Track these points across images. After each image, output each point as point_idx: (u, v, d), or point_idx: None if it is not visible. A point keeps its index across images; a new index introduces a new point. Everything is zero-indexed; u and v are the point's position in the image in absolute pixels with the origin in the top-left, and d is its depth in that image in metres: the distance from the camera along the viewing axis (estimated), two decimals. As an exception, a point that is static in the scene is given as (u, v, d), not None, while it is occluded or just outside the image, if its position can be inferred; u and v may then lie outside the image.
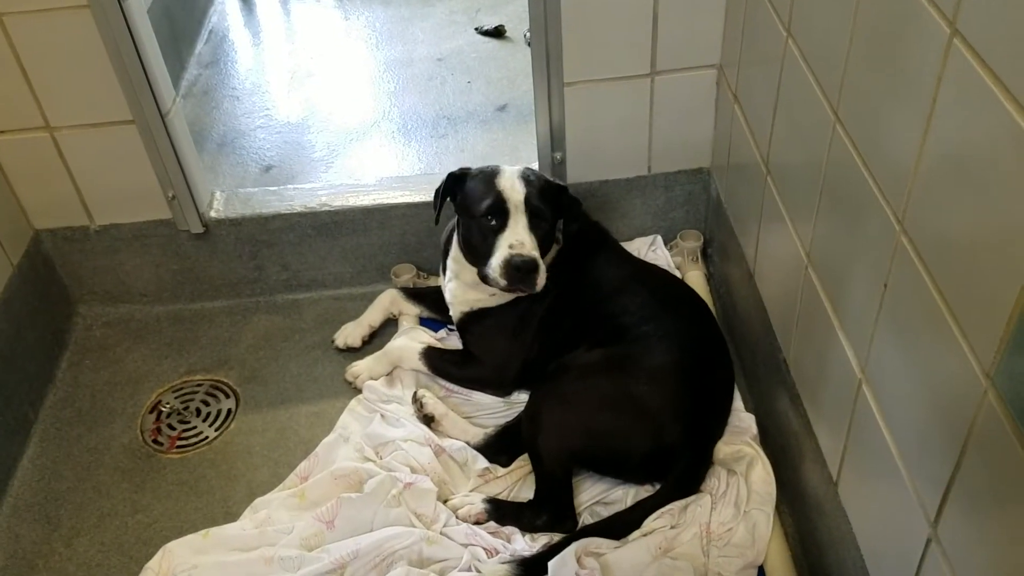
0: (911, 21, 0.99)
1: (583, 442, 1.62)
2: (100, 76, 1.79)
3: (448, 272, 1.88)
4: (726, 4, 1.78)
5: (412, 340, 1.91)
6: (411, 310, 2.04)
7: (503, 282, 1.66)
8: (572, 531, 1.59)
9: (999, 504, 0.89)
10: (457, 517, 1.61)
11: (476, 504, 1.63)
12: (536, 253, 1.67)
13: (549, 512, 1.60)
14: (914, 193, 1.03)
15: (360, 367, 1.92)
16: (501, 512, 1.63)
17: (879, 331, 1.16)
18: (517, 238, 1.67)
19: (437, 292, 1.98)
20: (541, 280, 1.66)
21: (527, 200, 1.68)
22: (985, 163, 0.87)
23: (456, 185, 1.78)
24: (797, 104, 1.43)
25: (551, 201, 1.72)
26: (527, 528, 1.61)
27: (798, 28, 1.39)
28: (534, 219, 1.69)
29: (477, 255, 1.73)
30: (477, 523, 1.61)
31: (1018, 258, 0.82)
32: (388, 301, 2.04)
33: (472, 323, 1.84)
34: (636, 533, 1.55)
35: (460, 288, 1.84)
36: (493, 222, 1.69)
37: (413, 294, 2.05)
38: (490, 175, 1.73)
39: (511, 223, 1.68)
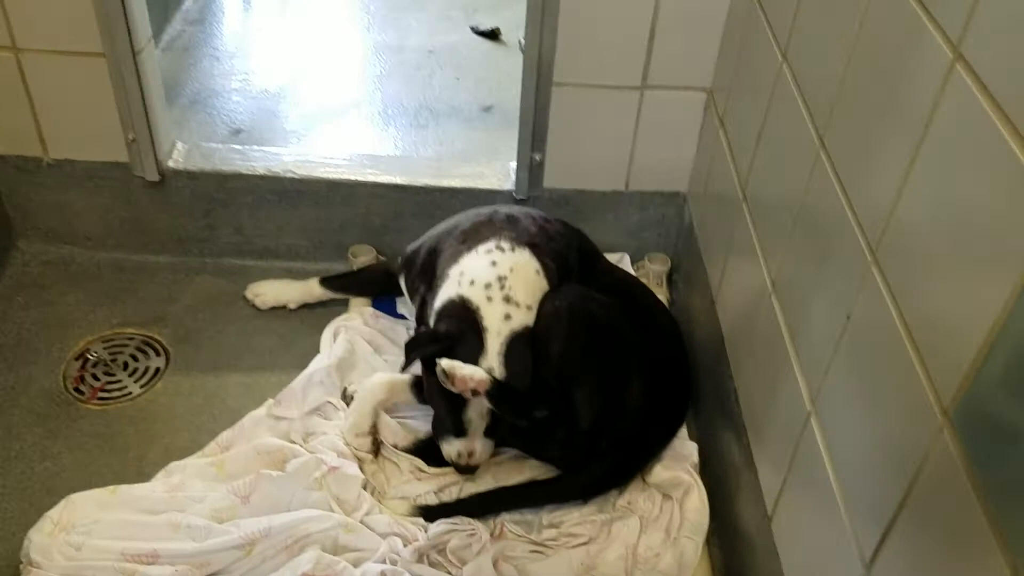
0: (913, 42, 0.97)
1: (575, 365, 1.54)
2: (76, 1, 1.72)
3: None
4: (724, 27, 1.76)
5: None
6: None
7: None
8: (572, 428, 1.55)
9: (940, 548, 0.86)
10: (455, 380, 1.45)
11: (479, 371, 1.46)
12: (485, 456, 1.57)
13: (551, 409, 1.52)
14: (892, 224, 1.00)
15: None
16: (501, 393, 1.48)
17: (836, 363, 1.13)
18: (468, 448, 1.55)
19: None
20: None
21: (492, 411, 1.51)
22: (972, 196, 0.85)
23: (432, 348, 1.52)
24: (783, 130, 1.41)
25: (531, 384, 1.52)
26: (525, 415, 1.52)
27: (794, 52, 1.37)
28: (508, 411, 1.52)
29: (434, 416, 1.61)
30: (475, 393, 1.46)
31: (992, 294, 0.79)
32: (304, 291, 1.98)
33: None
34: (553, 531, 1.52)
35: None
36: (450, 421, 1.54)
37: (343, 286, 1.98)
38: (468, 359, 1.48)
39: (471, 431, 1.54)
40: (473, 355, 1.49)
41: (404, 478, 1.62)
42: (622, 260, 2.07)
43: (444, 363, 1.45)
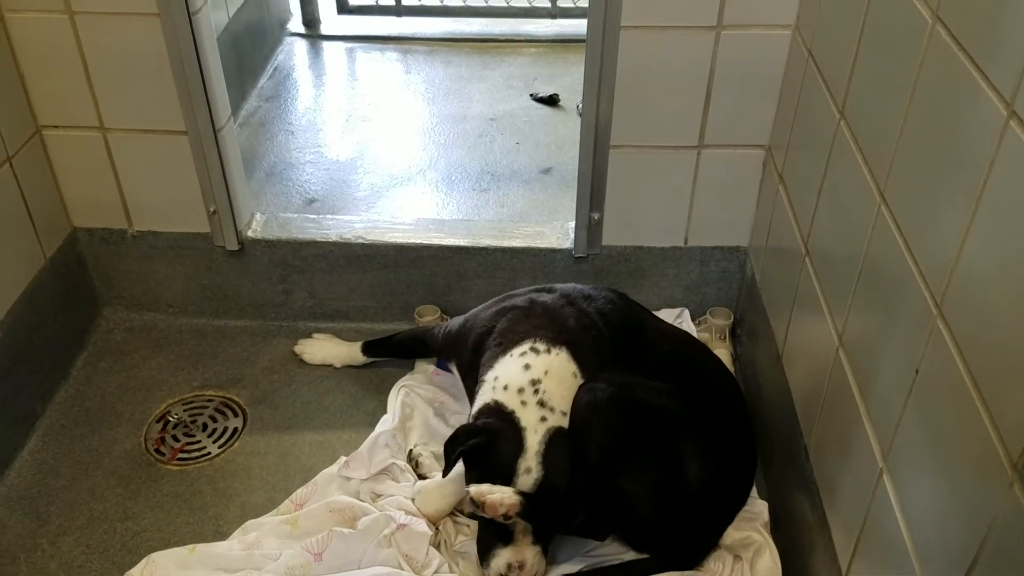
0: (967, 100, 0.98)
1: (620, 463, 1.51)
2: (160, 84, 1.83)
3: None
4: (781, 86, 1.79)
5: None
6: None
7: None
8: (602, 539, 1.54)
9: (1019, 606, 0.84)
10: (485, 507, 1.42)
11: (508, 494, 1.43)
12: (537, 570, 1.50)
13: (587, 511, 1.49)
14: (956, 277, 1.00)
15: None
16: (535, 506, 1.45)
17: (906, 418, 1.12)
18: (518, 558, 1.48)
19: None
20: None
21: (536, 513, 1.45)
22: (1032, 247, 0.85)
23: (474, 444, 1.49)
24: (843, 186, 1.42)
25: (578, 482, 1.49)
26: (563, 525, 1.51)
27: (852, 110, 1.39)
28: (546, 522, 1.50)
29: (478, 536, 1.56)
30: (507, 517, 1.43)
31: (1060, 345, 0.79)
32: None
33: None
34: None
35: None
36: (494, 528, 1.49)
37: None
38: (507, 457, 1.46)
39: (517, 537, 1.49)
40: (512, 453, 1.47)
41: (470, 536, 1.63)
42: (682, 315, 2.07)
43: (472, 490, 1.42)
